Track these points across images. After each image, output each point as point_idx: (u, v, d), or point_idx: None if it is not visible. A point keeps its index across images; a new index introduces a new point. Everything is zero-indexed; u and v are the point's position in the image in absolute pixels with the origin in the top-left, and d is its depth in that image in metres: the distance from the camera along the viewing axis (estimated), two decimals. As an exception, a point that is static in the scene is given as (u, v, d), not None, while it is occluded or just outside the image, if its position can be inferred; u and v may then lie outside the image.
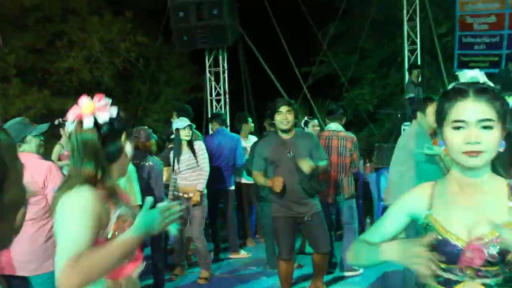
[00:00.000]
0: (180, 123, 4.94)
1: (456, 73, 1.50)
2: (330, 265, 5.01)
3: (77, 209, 1.57)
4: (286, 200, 4.03)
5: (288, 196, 4.02)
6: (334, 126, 5.12)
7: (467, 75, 1.46)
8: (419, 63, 9.32)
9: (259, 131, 8.02)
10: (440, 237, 1.43)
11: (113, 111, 1.74)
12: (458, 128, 1.40)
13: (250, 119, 6.62)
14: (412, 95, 7.94)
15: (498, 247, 1.35)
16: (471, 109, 1.39)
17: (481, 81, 1.44)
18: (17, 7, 11.16)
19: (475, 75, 1.45)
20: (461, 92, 1.42)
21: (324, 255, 4.21)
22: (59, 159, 6.14)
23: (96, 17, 11.21)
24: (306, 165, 3.85)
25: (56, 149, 6.12)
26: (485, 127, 1.38)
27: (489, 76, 1.51)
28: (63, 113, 8.89)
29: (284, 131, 4.03)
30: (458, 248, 1.40)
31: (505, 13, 9.17)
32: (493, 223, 1.35)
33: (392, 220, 1.57)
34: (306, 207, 4.05)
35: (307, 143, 4.05)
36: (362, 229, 6.65)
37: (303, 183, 3.94)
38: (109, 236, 1.62)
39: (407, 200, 1.58)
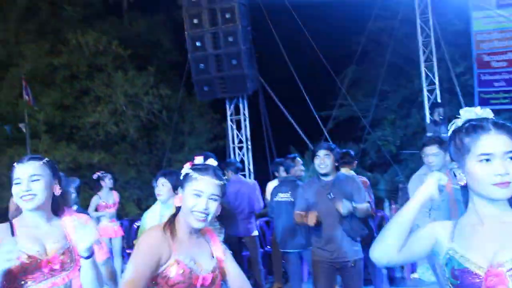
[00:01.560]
0: None
1: (460, 112, 1.53)
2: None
3: None
4: (328, 244, 3.97)
5: (328, 239, 3.97)
6: (344, 171, 5.11)
7: (475, 112, 1.50)
8: (439, 101, 9.33)
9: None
10: (461, 267, 1.44)
11: None
12: (486, 160, 1.42)
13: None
14: (430, 134, 7.92)
15: None
16: (496, 141, 1.42)
17: (490, 116, 1.48)
18: (45, 66, 11.71)
19: (483, 111, 1.50)
20: (481, 126, 1.45)
21: None
22: (97, 210, 6.49)
23: (120, 72, 11.65)
24: (342, 207, 3.85)
25: (94, 200, 6.62)
26: (510, 158, 1.42)
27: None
28: (90, 166, 9.38)
29: (322, 175, 4.09)
30: (479, 277, 1.40)
31: (522, 49, 9.20)
32: None
33: (419, 238, 1.57)
34: (348, 252, 3.96)
35: (348, 185, 4.06)
36: (392, 274, 6.50)
37: (344, 225, 3.92)
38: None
39: (430, 229, 1.58)
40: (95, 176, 6.79)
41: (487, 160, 1.42)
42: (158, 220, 3.92)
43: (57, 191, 2.18)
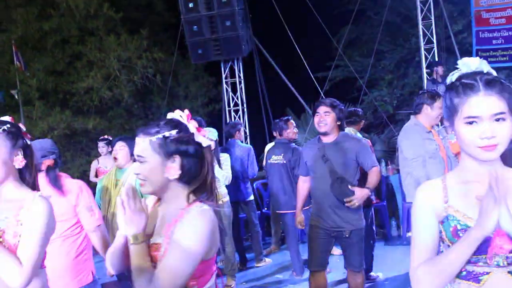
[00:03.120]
0: (211, 135, 4.96)
1: (458, 63, 1.48)
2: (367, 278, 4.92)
3: None
4: (322, 210, 3.78)
5: (324, 206, 3.77)
6: (348, 131, 5.05)
7: (470, 65, 1.45)
8: (437, 60, 9.24)
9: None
10: (464, 227, 1.42)
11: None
12: (471, 123, 1.39)
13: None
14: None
15: None
16: (483, 104, 1.38)
17: (485, 71, 1.43)
18: (36, 31, 11.46)
19: (479, 64, 1.44)
20: (470, 86, 1.40)
21: (357, 273, 3.84)
22: (97, 175, 6.56)
23: (112, 36, 11.42)
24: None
25: (93, 165, 6.71)
26: (497, 120, 1.38)
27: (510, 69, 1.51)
28: (85, 132, 9.29)
29: (322, 134, 3.78)
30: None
31: (522, 5, 9.04)
32: None
33: (427, 230, 1.49)
34: (346, 221, 3.73)
35: (350, 147, 3.73)
36: (387, 232, 6.59)
37: (334, 189, 3.67)
38: None
39: (424, 201, 1.52)
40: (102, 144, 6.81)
41: (473, 122, 1.39)
42: (113, 182, 3.90)
43: (19, 163, 1.93)
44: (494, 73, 1.46)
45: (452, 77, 1.49)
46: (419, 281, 1.44)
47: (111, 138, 6.39)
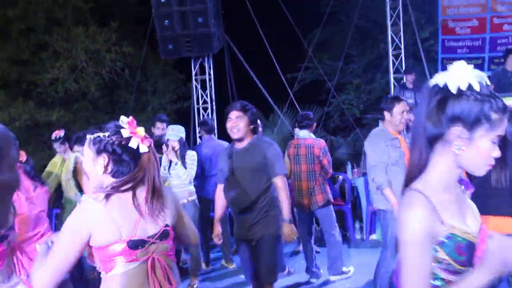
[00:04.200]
0: (173, 134, 4.88)
1: (457, 67, 1.45)
2: (311, 274, 5.05)
3: None
4: (235, 218, 3.65)
5: (235, 215, 3.65)
6: (302, 133, 5.15)
7: (483, 77, 1.44)
8: (403, 67, 9.43)
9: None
10: (466, 242, 1.45)
11: None
12: (495, 142, 1.44)
13: None
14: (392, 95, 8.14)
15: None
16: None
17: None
18: (0, 18, 11.08)
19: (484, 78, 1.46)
20: (508, 113, 1.46)
21: (267, 284, 3.59)
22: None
23: (81, 27, 11.15)
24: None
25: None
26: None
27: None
28: (49, 124, 8.84)
29: (236, 140, 3.59)
30: (477, 245, 1.47)
31: (486, 16, 9.32)
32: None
33: (428, 269, 1.42)
34: (254, 228, 3.51)
35: (259, 151, 3.51)
36: (351, 235, 6.69)
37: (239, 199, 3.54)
38: None
39: (423, 236, 1.41)
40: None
41: (495, 143, 1.45)
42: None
43: None
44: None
45: (462, 83, 1.42)
46: None
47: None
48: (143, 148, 1.90)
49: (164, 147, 4.82)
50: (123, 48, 11.30)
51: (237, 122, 3.53)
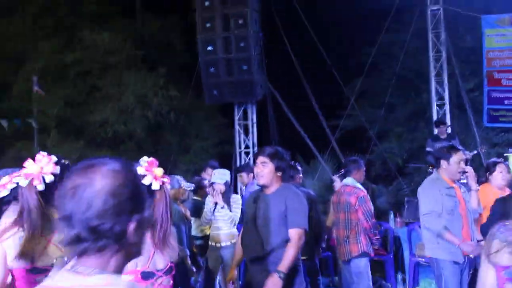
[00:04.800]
0: (219, 178, 4.98)
1: None
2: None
3: None
4: (248, 267, 3.47)
5: (247, 264, 3.42)
6: (347, 181, 5.05)
7: None
8: (447, 117, 9.33)
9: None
10: None
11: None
12: None
13: None
14: (430, 149, 8.00)
15: None
16: None
17: None
18: (58, 61, 11.81)
19: None
20: None
21: None
22: None
23: (131, 72, 11.73)
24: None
25: None
26: None
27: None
28: None
29: (260, 186, 3.46)
30: None
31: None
32: None
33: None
34: (263, 282, 3.18)
35: (282, 200, 3.30)
36: (393, 286, 6.48)
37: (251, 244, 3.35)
38: None
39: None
40: None
41: None
42: None
43: None
44: None
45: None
46: None
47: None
48: (155, 186, 1.98)
49: (210, 189, 4.93)
50: (170, 92, 11.74)
51: (262, 168, 3.38)
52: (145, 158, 2.07)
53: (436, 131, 8.60)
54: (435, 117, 9.60)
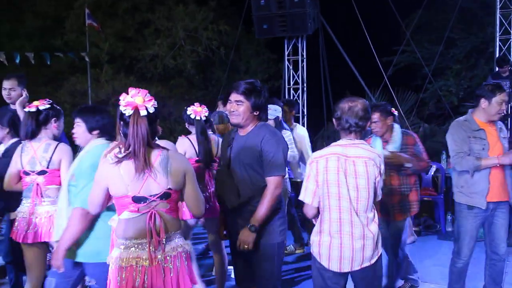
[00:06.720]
0: (269, 113, 4.83)
1: None
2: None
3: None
4: (227, 218, 3.06)
5: (226, 212, 3.05)
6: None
7: None
8: (511, 54, 8.74)
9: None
10: None
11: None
12: None
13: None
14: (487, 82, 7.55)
15: None
16: None
17: None
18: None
19: None
20: None
21: None
22: None
23: (181, 6, 11.60)
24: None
25: None
26: None
27: None
28: None
29: (233, 125, 3.01)
30: None
31: None
32: None
33: None
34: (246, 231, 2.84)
35: (255, 145, 2.86)
36: (442, 227, 6.42)
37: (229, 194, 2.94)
38: None
39: None
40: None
41: None
42: None
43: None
44: None
45: None
46: None
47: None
48: (128, 112, 2.25)
49: None
50: (220, 27, 11.60)
51: (236, 107, 2.90)
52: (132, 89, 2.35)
53: (497, 69, 8.10)
54: (497, 53, 9.00)
